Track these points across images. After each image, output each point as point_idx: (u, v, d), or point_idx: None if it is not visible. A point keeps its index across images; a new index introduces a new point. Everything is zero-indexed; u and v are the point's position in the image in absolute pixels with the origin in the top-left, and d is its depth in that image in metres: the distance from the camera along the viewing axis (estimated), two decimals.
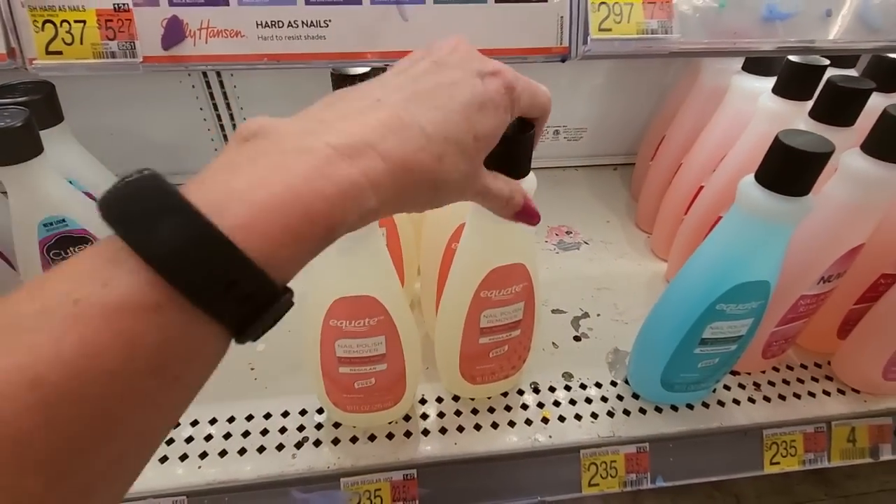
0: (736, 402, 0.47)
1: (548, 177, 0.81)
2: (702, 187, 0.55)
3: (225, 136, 0.71)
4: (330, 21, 0.35)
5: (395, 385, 0.41)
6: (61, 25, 0.32)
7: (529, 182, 0.33)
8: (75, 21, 0.32)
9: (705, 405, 0.47)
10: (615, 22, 0.36)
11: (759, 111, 0.47)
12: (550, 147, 0.82)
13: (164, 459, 0.41)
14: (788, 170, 0.31)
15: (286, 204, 0.16)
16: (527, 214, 0.28)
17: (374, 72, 0.41)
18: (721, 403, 0.47)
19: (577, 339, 0.53)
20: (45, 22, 0.32)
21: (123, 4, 0.32)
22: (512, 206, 0.27)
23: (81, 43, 0.32)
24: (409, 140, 0.19)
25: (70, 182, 0.44)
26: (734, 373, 0.50)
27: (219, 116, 0.70)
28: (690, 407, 0.47)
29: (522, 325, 0.40)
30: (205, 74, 0.66)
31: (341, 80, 0.39)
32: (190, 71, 0.35)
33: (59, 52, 0.33)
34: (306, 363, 0.39)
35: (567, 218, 0.71)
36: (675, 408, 0.46)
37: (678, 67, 0.71)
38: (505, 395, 0.47)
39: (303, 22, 0.34)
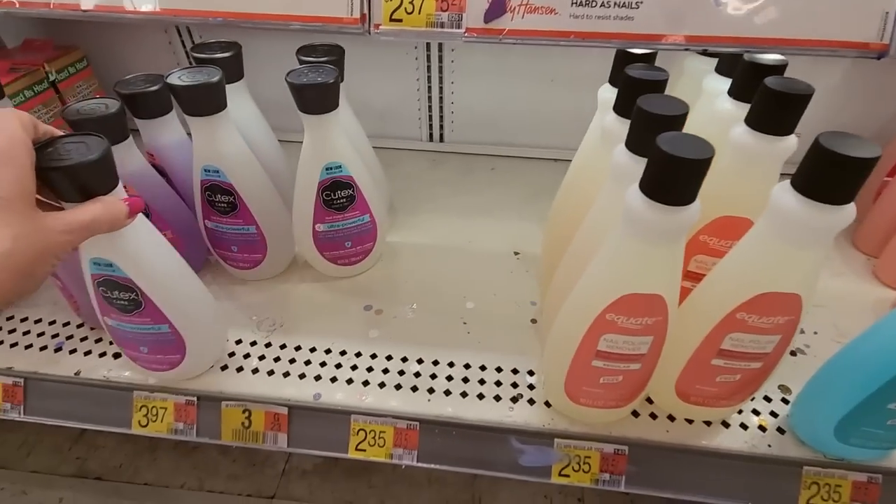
0: None
1: None
2: None
3: (430, 108, 0.77)
4: (641, 2, 0.36)
5: (637, 386, 0.40)
6: None
7: None
8: None
9: None
10: None
11: None
12: None
13: (398, 387, 0.47)
14: None
15: None
16: (135, 209, 0.33)
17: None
18: None
19: (793, 353, 0.50)
20: None
21: None
22: (111, 219, 0.31)
23: (419, 13, 0.37)
24: None
25: None
26: None
27: (429, 88, 0.75)
28: None
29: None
30: (428, 47, 0.71)
31: (626, 60, 0.39)
32: (498, 43, 0.38)
33: (400, 20, 0.37)
34: (554, 350, 0.39)
35: None
36: None
37: None
38: None
39: (615, 3, 0.36)
